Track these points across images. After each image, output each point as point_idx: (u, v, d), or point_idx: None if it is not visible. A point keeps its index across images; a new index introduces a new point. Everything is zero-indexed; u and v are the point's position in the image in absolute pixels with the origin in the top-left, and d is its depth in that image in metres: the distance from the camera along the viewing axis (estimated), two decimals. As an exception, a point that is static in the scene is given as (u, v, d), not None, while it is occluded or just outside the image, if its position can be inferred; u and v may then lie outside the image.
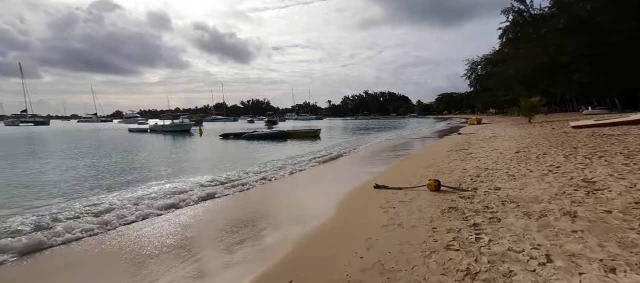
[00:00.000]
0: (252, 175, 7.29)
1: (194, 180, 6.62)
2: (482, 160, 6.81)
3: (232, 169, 8.05)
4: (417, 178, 5.76)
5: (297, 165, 8.98)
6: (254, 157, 11.30)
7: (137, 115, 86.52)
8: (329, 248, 2.94)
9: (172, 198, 5.22)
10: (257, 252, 3.09)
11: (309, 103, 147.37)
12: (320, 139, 19.93)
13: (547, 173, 4.67)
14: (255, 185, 6.43)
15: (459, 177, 5.37)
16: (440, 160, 7.83)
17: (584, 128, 12.18)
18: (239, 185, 6.32)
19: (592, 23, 25.71)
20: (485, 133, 16.01)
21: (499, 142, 10.67)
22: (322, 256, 2.76)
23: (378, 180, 6.18)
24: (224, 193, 5.72)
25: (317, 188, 6.18)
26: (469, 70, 62.90)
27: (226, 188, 6.03)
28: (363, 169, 7.97)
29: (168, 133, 29.45)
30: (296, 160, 10.14)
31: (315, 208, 4.68)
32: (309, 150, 13.11)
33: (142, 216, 4.39)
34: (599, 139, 8.37)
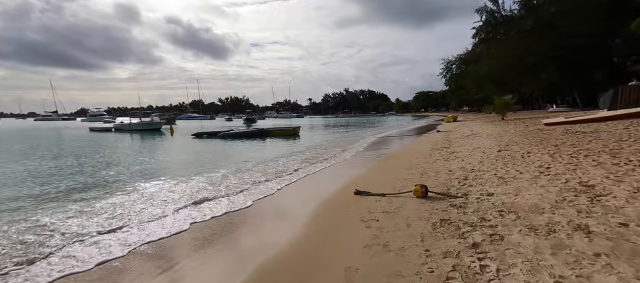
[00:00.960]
0: (209, 188, 6.43)
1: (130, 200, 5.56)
2: (466, 160, 6.48)
3: (194, 176, 7.12)
4: (401, 182, 5.27)
5: (268, 163, 8.24)
6: (227, 160, 10.36)
7: (103, 113, 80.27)
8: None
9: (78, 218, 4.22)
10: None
11: (289, 101, 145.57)
12: (299, 138, 19.21)
13: (539, 175, 4.33)
14: (209, 188, 5.62)
15: (446, 180, 4.93)
16: (423, 160, 7.44)
17: (556, 125, 12.52)
18: (191, 198, 5.47)
19: (556, 26, 27.10)
20: (463, 130, 16.16)
21: (479, 139, 10.59)
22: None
23: (358, 183, 5.61)
24: (175, 208, 4.86)
25: (287, 194, 5.50)
26: (445, 69, 64.92)
27: (174, 202, 5.16)
28: (342, 171, 7.41)
29: (136, 132, 27.23)
30: (272, 160, 9.38)
31: (282, 223, 3.98)
32: (288, 151, 12.36)
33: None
34: (575, 136, 8.44)
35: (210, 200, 4.95)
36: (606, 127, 10.03)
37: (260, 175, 6.86)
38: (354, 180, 6.20)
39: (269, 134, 20.15)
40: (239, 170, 7.41)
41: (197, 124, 55.02)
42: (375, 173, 6.61)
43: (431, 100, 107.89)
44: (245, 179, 6.52)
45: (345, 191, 5.07)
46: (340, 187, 5.63)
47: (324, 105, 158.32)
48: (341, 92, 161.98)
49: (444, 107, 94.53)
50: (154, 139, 20.32)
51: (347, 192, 4.90)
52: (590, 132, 9.19)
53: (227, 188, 5.78)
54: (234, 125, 41.87)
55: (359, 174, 6.75)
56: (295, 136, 19.62)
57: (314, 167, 8.01)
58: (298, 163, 8.85)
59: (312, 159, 9.59)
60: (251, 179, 6.49)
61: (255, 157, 10.30)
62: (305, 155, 10.54)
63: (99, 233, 3.63)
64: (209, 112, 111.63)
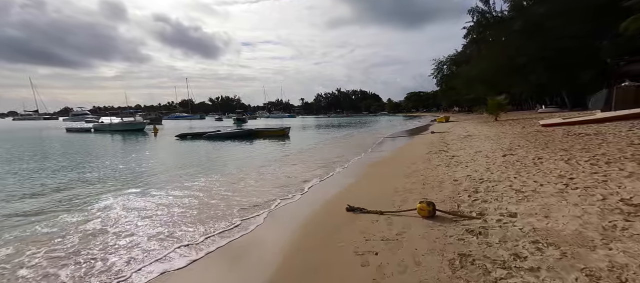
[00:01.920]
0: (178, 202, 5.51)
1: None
2: (471, 167, 5.80)
3: (155, 191, 6.16)
4: (400, 194, 4.52)
5: (250, 172, 7.39)
6: (206, 168, 9.42)
7: (87, 112, 77.06)
8: None
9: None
10: None
11: (281, 100, 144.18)
12: (289, 139, 18.37)
13: (564, 188, 3.65)
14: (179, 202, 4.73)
15: (453, 193, 4.21)
16: (422, 165, 6.74)
17: (554, 126, 12.12)
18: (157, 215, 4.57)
19: (545, 26, 27.19)
20: (458, 131, 15.66)
21: (477, 142, 10.01)
22: None
23: (350, 195, 4.84)
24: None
25: (265, 229, 4.68)
26: (436, 69, 65.23)
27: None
28: (332, 179, 6.63)
29: (117, 133, 25.73)
30: (256, 168, 8.52)
31: (254, 253, 3.16)
32: (276, 155, 11.52)
33: None
34: (580, 139, 7.92)
35: (163, 240, 3.39)
36: (607, 128, 9.60)
37: (235, 198, 5.09)
38: (345, 190, 5.43)
39: (257, 135, 19.22)
40: (209, 189, 5.71)
41: (186, 124, 53.25)
42: (370, 182, 5.85)
43: (422, 101, 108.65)
44: (215, 204, 4.73)
45: (334, 206, 4.28)
46: (329, 199, 4.84)
47: (316, 105, 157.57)
48: (333, 92, 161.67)
49: (435, 107, 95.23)
50: (134, 140, 19.05)
51: (337, 208, 4.11)
52: (594, 134, 8.71)
53: (187, 219, 4.11)
54: (224, 125, 40.63)
55: (351, 183, 5.98)
56: (284, 137, 18.76)
57: (303, 174, 7.21)
58: (285, 169, 8.04)
59: (301, 163, 8.78)
60: (223, 202, 4.85)
61: (240, 163, 9.40)
62: (294, 159, 9.73)
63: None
64: (199, 111, 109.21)
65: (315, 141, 17.18)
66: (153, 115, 58.50)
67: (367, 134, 22.82)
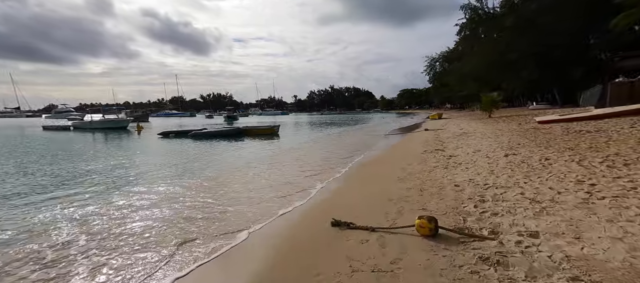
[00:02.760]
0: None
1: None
2: (472, 169, 5.23)
3: (108, 204, 5.37)
4: (394, 203, 3.90)
5: (234, 175, 6.67)
6: (183, 173, 8.63)
7: (70, 109, 74.30)
8: None
9: None
10: None
11: (274, 97, 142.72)
12: (279, 137, 17.63)
13: (587, 196, 3.09)
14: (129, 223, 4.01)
15: (456, 202, 3.61)
16: (418, 166, 6.15)
17: (551, 123, 11.76)
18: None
19: (536, 22, 27.11)
20: (453, 129, 15.22)
21: (475, 140, 9.51)
22: None
23: (337, 204, 4.22)
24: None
25: (231, 225, 4.00)
26: (428, 66, 65.21)
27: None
28: (314, 179, 5.98)
29: (98, 131, 24.45)
30: (240, 170, 7.81)
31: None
32: (263, 155, 10.82)
33: None
34: (582, 136, 7.48)
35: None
36: (606, 125, 9.22)
37: (199, 214, 4.11)
38: (331, 196, 4.79)
39: (246, 133, 18.41)
40: (174, 200, 4.82)
41: (175, 121, 51.73)
42: (360, 187, 5.21)
43: (415, 98, 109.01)
44: (163, 228, 3.65)
45: (317, 218, 3.63)
46: (312, 208, 4.19)
47: (309, 102, 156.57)
48: (326, 89, 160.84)
49: (427, 104, 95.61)
50: (115, 139, 17.97)
51: (320, 222, 3.46)
52: (595, 131, 8.31)
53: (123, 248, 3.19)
54: (214, 123, 39.47)
55: (339, 188, 5.34)
56: (274, 135, 18.01)
57: (288, 179, 6.54)
58: (269, 172, 7.35)
59: (288, 165, 8.10)
60: (179, 224, 3.77)
61: (222, 165, 8.64)
62: (282, 160, 9.05)
63: None
64: (189, 109, 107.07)
65: (306, 140, 16.52)
66: (140, 112, 56.85)
67: (359, 131, 22.29)
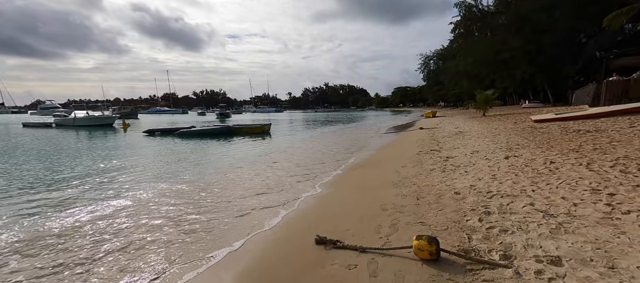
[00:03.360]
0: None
1: None
2: (472, 173, 4.82)
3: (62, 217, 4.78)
4: (388, 214, 3.45)
5: (217, 179, 6.15)
6: (165, 170, 8.05)
7: (57, 105, 72.04)
8: None
9: None
10: None
11: (268, 95, 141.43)
12: (270, 136, 17.09)
13: (609, 210, 2.69)
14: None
15: (457, 214, 3.18)
16: (413, 170, 5.73)
17: (547, 122, 11.52)
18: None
19: (530, 20, 27.10)
20: (448, 127, 14.91)
21: (471, 140, 9.16)
22: None
23: (323, 216, 3.76)
24: None
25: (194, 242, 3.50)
26: (422, 64, 65.23)
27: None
28: (302, 184, 5.51)
29: (82, 128, 23.44)
30: (224, 173, 7.28)
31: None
32: (249, 158, 10.29)
33: None
34: (583, 136, 7.18)
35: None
36: (605, 124, 8.98)
37: (171, 227, 3.59)
38: (317, 205, 4.32)
39: (236, 132, 17.79)
40: (141, 209, 4.30)
41: (167, 118, 50.53)
42: (349, 193, 4.75)
43: (409, 96, 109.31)
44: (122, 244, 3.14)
45: (300, 234, 3.16)
46: (292, 219, 3.71)
47: (303, 99, 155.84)
48: (321, 87, 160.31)
49: (421, 102, 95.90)
50: (97, 137, 17.13)
51: (302, 238, 2.99)
52: (595, 131, 8.03)
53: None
54: (207, 120, 38.58)
55: (326, 195, 4.86)
56: (265, 134, 17.44)
57: (274, 184, 6.05)
58: (254, 178, 6.85)
59: (276, 168, 7.60)
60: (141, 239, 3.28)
61: (204, 168, 8.08)
62: (270, 162, 8.54)
63: None
64: (182, 106, 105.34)
65: (298, 139, 16.02)
66: (129, 109, 55.33)
67: (353, 130, 21.88)
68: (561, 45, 26.13)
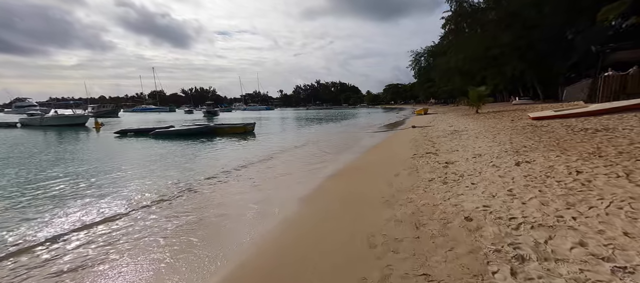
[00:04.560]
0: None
1: None
2: (481, 186, 3.88)
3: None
4: (377, 255, 2.45)
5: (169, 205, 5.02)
6: (115, 185, 6.84)
7: (33, 103, 68.35)
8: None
9: None
10: None
11: (259, 92, 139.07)
12: (255, 136, 15.95)
13: None
14: None
15: (475, 259, 2.20)
16: (409, 180, 4.77)
17: (547, 119, 10.82)
18: None
19: (521, 16, 26.80)
20: (442, 126, 14.11)
21: (470, 140, 8.30)
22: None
23: (285, 263, 2.72)
24: None
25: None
26: (413, 61, 64.88)
27: None
28: (270, 204, 4.48)
29: (52, 128, 21.63)
30: (189, 189, 6.16)
31: None
32: (223, 165, 9.16)
33: None
34: (593, 136, 6.39)
35: None
36: (611, 122, 8.27)
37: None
38: (280, 241, 3.25)
39: (218, 132, 16.56)
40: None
41: (152, 116, 48.40)
42: (328, 218, 3.72)
43: (400, 93, 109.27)
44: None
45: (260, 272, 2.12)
46: (244, 273, 2.67)
47: (295, 97, 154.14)
48: (313, 84, 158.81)
49: (412, 99, 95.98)
50: (63, 138, 15.56)
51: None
52: (604, 130, 7.27)
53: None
54: (193, 119, 36.91)
55: (296, 220, 3.80)
56: (248, 135, 16.28)
57: (233, 203, 5.00)
58: (216, 194, 5.77)
59: (248, 178, 6.53)
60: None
61: (160, 182, 6.92)
62: (242, 170, 7.46)
63: None
64: (170, 103, 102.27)
65: (282, 139, 14.92)
66: (109, 107, 52.73)
67: (343, 128, 20.91)
68: (551, 41, 25.90)
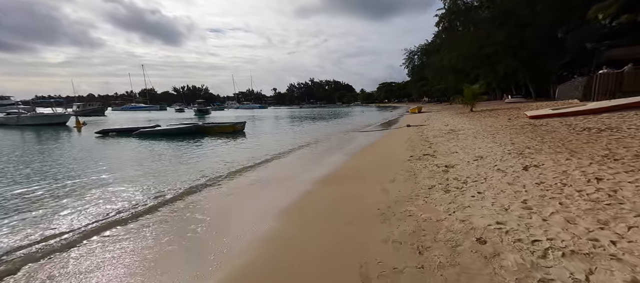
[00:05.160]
0: None
1: None
2: (489, 196, 3.40)
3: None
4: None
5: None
6: (71, 199, 6.15)
7: (14, 101, 65.66)
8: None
9: None
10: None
11: (252, 90, 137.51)
12: (245, 135, 15.31)
13: None
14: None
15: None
16: (405, 186, 4.28)
17: (545, 118, 10.52)
18: None
19: (514, 14, 26.71)
20: (437, 125, 13.73)
21: (468, 140, 7.87)
22: None
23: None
24: None
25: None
26: (407, 59, 64.74)
27: None
28: (246, 224, 3.94)
29: (30, 128, 20.51)
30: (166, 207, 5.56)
31: None
32: (202, 173, 8.54)
33: None
34: (599, 136, 6.03)
35: None
36: (613, 121, 7.96)
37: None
38: (244, 272, 2.71)
39: (205, 132, 15.86)
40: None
41: (142, 115, 47.03)
42: (312, 239, 3.20)
43: (394, 91, 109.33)
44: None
45: None
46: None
47: (289, 95, 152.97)
48: (307, 82, 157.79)
49: (405, 97, 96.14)
50: (39, 139, 14.62)
51: None
52: (608, 129, 6.94)
53: None
54: (185, 117, 35.91)
55: (274, 242, 3.24)
56: (237, 134, 15.63)
57: (201, 227, 4.43)
58: (184, 214, 5.18)
59: (227, 190, 5.95)
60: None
61: (128, 195, 6.29)
62: (222, 179, 6.87)
63: None
64: (161, 101, 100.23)
65: (272, 140, 14.30)
66: (96, 105, 50.95)
67: (337, 127, 20.39)
68: (544, 39, 25.87)
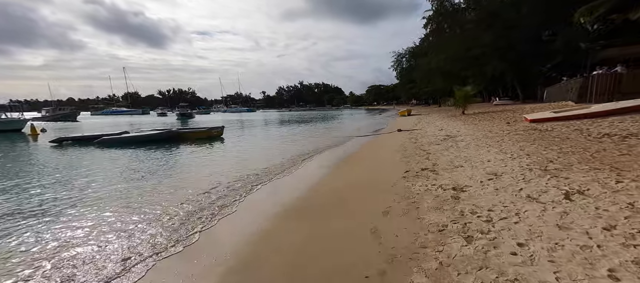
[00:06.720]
0: None
1: None
2: (543, 256, 2.28)
3: None
4: None
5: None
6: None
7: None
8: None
9: None
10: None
11: (240, 93, 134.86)
12: (223, 141, 13.93)
13: None
14: None
15: None
16: (403, 224, 3.11)
17: (548, 122, 9.69)
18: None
19: (500, 16, 26.57)
20: (430, 129, 12.76)
21: (470, 149, 6.83)
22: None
23: None
24: None
25: None
26: (395, 62, 64.57)
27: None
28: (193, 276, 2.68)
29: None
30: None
31: None
32: (153, 191, 7.14)
33: None
34: (629, 145, 5.11)
35: None
36: (630, 126, 7.13)
37: None
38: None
39: (180, 138, 14.38)
40: None
41: (123, 119, 44.47)
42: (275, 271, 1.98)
43: (382, 94, 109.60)
44: None
45: None
46: None
47: (278, 98, 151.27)
48: (296, 85, 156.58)
49: (394, 100, 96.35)
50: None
51: None
52: (630, 135, 6.05)
53: None
54: (168, 122, 33.97)
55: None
56: (214, 139, 14.22)
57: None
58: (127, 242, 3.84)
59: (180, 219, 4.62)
60: None
61: (66, 231, 4.86)
62: (180, 202, 5.52)
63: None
64: (142, 106, 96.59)
65: (251, 148, 12.90)
66: (67, 110, 47.84)
67: (324, 131, 19.19)
68: (531, 41, 25.74)
